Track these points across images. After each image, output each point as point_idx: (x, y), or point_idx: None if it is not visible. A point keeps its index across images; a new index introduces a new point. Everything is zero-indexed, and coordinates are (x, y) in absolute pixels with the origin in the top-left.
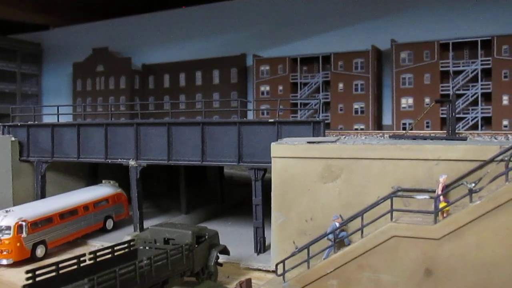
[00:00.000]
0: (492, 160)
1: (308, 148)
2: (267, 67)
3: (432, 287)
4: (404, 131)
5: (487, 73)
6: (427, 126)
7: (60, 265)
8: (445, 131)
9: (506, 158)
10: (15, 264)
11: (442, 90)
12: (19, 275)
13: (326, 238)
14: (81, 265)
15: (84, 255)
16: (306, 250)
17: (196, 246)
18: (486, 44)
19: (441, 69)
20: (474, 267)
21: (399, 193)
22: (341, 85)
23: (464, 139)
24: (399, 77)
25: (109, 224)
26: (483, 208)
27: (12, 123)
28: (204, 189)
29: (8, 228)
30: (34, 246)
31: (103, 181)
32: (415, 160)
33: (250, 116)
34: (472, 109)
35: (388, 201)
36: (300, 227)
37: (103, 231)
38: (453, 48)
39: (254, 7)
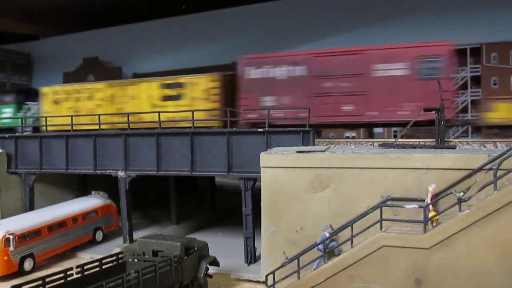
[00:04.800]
0: (480, 168)
1: (297, 157)
2: None
3: None
4: (394, 140)
5: (476, 80)
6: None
7: (47, 279)
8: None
9: (494, 167)
10: (2, 278)
11: None
12: None
13: (316, 248)
14: (68, 279)
15: (71, 268)
16: (296, 261)
17: (185, 257)
18: (475, 52)
19: None
20: (464, 276)
21: (389, 202)
22: None
23: (453, 147)
24: None
25: (99, 235)
26: (472, 217)
27: (0, 135)
28: (195, 199)
29: None
30: (22, 260)
31: (93, 192)
32: (404, 169)
33: None
34: (462, 116)
35: (378, 210)
36: (290, 237)
37: (92, 243)
38: None
39: (245, 16)
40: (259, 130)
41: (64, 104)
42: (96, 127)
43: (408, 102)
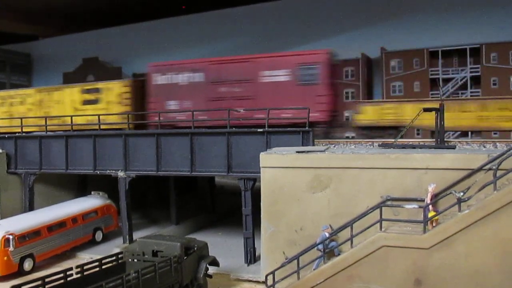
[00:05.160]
0: (480, 169)
1: (297, 157)
2: None
3: None
4: (393, 140)
5: (476, 81)
6: (418, 134)
7: (47, 280)
8: (434, 140)
9: (494, 167)
10: (2, 279)
11: (431, 98)
12: None
13: (316, 248)
14: (68, 279)
15: (71, 269)
16: (296, 261)
17: (185, 258)
18: (475, 52)
19: (431, 76)
20: (464, 276)
21: (388, 203)
22: None
23: (453, 147)
24: (389, 84)
25: (98, 236)
26: (472, 217)
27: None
28: (194, 199)
29: None
30: (22, 260)
31: (92, 193)
32: (404, 169)
33: None
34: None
35: (378, 210)
36: (290, 237)
37: (92, 243)
38: (442, 56)
39: (245, 16)
40: (259, 130)
41: (0, 109)
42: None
43: (290, 105)
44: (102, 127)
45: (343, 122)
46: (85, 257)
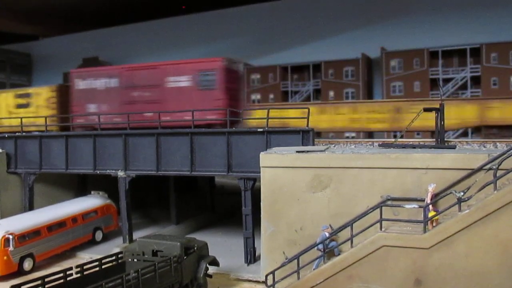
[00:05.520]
0: (480, 168)
1: (297, 157)
2: (258, 76)
3: None
4: (393, 140)
5: (476, 81)
6: (418, 134)
7: (46, 279)
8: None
9: (494, 167)
10: (2, 278)
11: (431, 98)
12: None
13: (315, 248)
14: (68, 279)
15: (70, 268)
16: (296, 261)
17: (185, 257)
18: (475, 52)
19: (431, 76)
20: (464, 276)
21: (388, 202)
22: (331, 93)
23: (453, 147)
24: (389, 85)
25: (98, 236)
26: (472, 217)
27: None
28: (195, 199)
29: None
30: (22, 260)
31: (92, 192)
32: (404, 169)
33: None
34: None
35: (378, 210)
36: (290, 237)
37: (92, 243)
38: (443, 56)
39: (244, 16)
40: (259, 130)
41: None
42: None
43: (191, 108)
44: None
45: (240, 123)
46: (85, 257)
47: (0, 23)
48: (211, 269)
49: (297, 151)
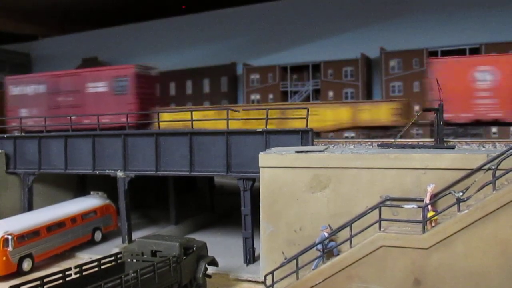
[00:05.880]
0: (479, 169)
1: (296, 157)
2: (257, 76)
3: None
4: (392, 140)
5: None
6: (417, 134)
7: (45, 280)
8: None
9: (493, 167)
10: (1, 279)
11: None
12: None
13: (315, 248)
14: (67, 279)
15: (70, 269)
16: (295, 261)
17: (184, 258)
18: (474, 52)
19: None
20: (463, 276)
21: (388, 203)
22: (331, 93)
23: (452, 147)
24: (389, 85)
25: (98, 236)
26: (471, 217)
27: None
28: (194, 199)
29: None
30: (21, 260)
31: (91, 192)
32: (403, 169)
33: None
34: None
35: (377, 210)
36: (289, 237)
37: (91, 243)
38: (442, 56)
39: (243, 16)
40: (258, 130)
41: None
42: None
43: (108, 112)
44: None
45: (151, 126)
46: (84, 257)
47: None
48: (210, 269)
49: (296, 151)
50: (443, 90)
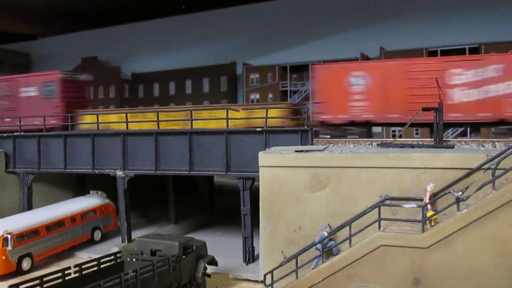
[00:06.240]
0: (479, 168)
1: (295, 157)
2: (257, 75)
3: None
4: (392, 139)
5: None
6: (417, 133)
7: (45, 279)
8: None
9: (492, 166)
10: (0, 278)
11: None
12: None
13: (314, 247)
14: (66, 278)
15: (69, 268)
16: (294, 260)
17: (184, 257)
18: (473, 52)
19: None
20: (462, 276)
21: (387, 202)
22: None
23: (452, 147)
24: None
25: (97, 235)
26: (470, 217)
27: None
28: (193, 198)
29: None
30: (20, 259)
31: (91, 192)
32: (402, 169)
33: None
34: None
35: (376, 210)
36: (288, 236)
37: (91, 242)
38: (441, 56)
39: (243, 16)
40: (258, 129)
41: None
42: None
43: (39, 115)
44: None
45: (76, 127)
46: (83, 256)
47: None
48: (210, 269)
49: (295, 151)
50: (326, 94)
